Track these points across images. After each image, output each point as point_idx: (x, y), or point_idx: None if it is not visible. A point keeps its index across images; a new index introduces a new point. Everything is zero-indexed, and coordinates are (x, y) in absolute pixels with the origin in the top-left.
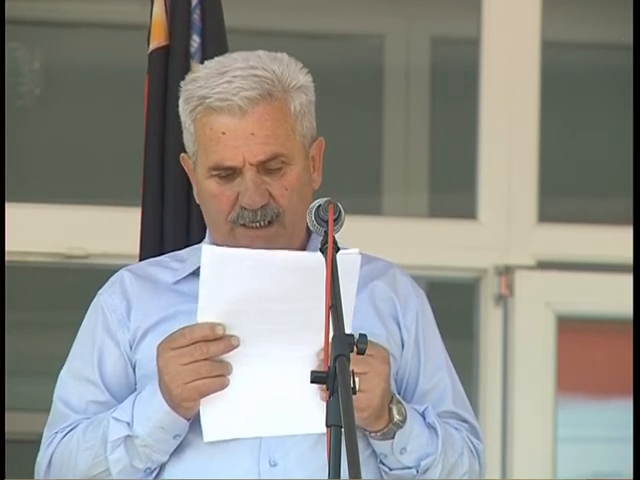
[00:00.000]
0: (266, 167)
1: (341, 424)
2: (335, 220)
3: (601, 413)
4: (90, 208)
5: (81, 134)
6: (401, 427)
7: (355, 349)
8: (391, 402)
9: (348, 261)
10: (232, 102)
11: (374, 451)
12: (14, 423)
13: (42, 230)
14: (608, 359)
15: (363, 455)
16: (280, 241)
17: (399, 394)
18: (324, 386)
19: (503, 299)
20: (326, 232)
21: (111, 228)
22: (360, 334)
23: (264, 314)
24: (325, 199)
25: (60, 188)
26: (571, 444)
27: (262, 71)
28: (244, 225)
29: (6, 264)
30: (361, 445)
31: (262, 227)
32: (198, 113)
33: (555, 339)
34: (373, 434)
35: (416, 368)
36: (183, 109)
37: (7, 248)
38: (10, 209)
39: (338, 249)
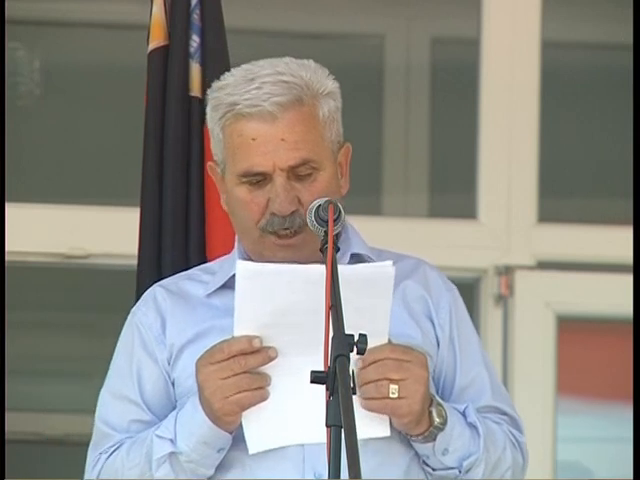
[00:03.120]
0: (296, 173)
1: (341, 424)
2: (335, 220)
3: (601, 416)
4: (90, 208)
5: (81, 134)
6: (442, 430)
7: (355, 349)
8: (431, 405)
9: (382, 274)
10: (262, 107)
11: (417, 453)
12: (14, 423)
13: (42, 230)
14: (608, 359)
15: (407, 457)
16: (307, 249)
17: (437, 392)
18: (363, 393)
19: (503, 299)
20: (326, 232)
21: (111, 228)
22: (360, 334)
23: (299, 326)
24: (325, 199)
25: (60, 188)
26: (571, 444)
27: (290, 77)
28: (273, 233)
29: (6, 264)
30: (403, 448)
31: (290, 236)
32: (227, 120)
33: (555, 339)
34: (414, 438)
35: (453, 365)
36: (211, 117)
37: (7, 248)
38: (10, 209)
39: (338, 249)
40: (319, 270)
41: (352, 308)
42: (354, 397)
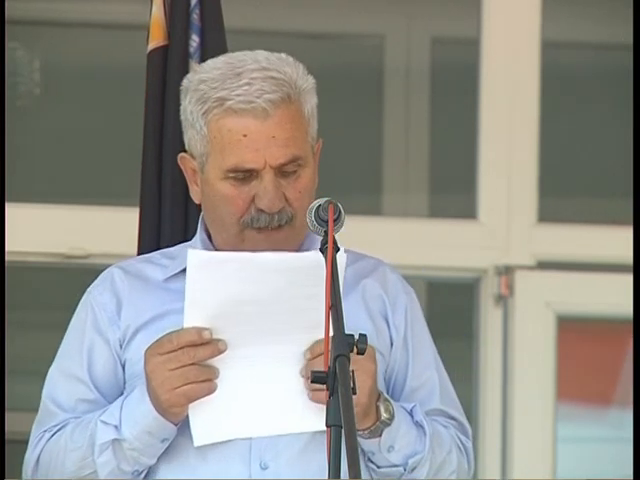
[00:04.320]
0: (282, 170)
1: (341, 424)
2: (335, 220)
3: (601, 420)
4: (90, 208)
5: (81, 134)
6: (388, 425)
7: (355, 349)
8: (378, 400)
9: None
10: (256, 104)
11: (362, 449)
12: (14, 423)
13: (42, 230)
14: (608, 359)
15: None
16: (289, 244)
17: (388, 392)
18: (311, 386)
19: (503, 299)
20: (326, 232)
21: (111, 228)
22: (360, 334)
23: (250, 316)
24: (325, 199)
25: (60, 188)
26: (571, 444)
27: (277, 73)
28: (257, 228)
29: (6, 264)
30: None
31: (273, 229)
32: (215, 115)
33: (555, 339)
34: (360, 432)
35: (404, 366)
36: (193, 110)
37: (7, 248)
38: (10, 209)
39: (338, 249)
40: (273, 258)
41: (302, 295)
42: (300, 389)
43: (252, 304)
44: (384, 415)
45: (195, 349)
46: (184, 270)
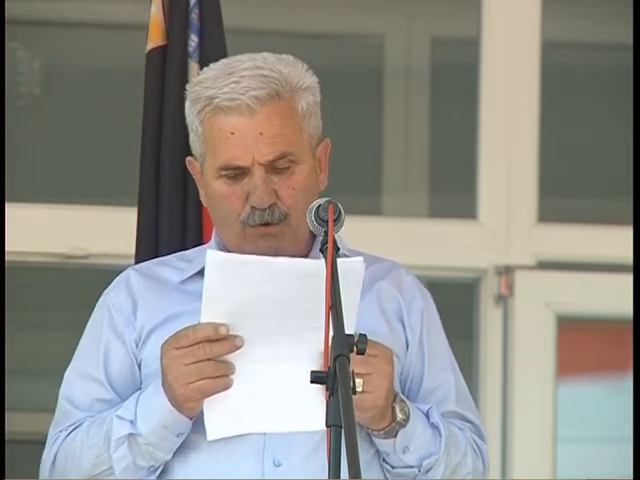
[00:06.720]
0: (274, 166)
1: (341, 424)
2: (335, 220)
3: (601, 404)
4: (90, 208)
5: (81, 134)
6: (404, 426)
7: (355, 349)
8: (394, 401)
9: (352, 269)
10: (240, 101)
11: (377, 450)
12: (14, 423)
13: (42, 230)
14: (608, 359)
15: (368, 454)
16: (286, 239)
17: (403, 394)
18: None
19: (503, 299)
20: (326, 232)
21: (111, 228)
22: (360, 334)
23: (266, 316)
24: (325, 199)
25: (60, 188)
26: (571, 444)
27: (269, 71)
28: (253, 226)
29: (6, 264)
30: (365, 444)
31: (269, 225)
32: (206, 114)
33: (555, 339)
34: (376, 433)
35: (420, 368)
36: (190, 111)
37: (7, 248)
38: (10, 209)
39: (338, 249)
40: (289, 263)
41: (317, 299)
42: (315, 388)
43: (268, 304)
44: (400, 416)
45: (211, 345)
46: (200, 272)
